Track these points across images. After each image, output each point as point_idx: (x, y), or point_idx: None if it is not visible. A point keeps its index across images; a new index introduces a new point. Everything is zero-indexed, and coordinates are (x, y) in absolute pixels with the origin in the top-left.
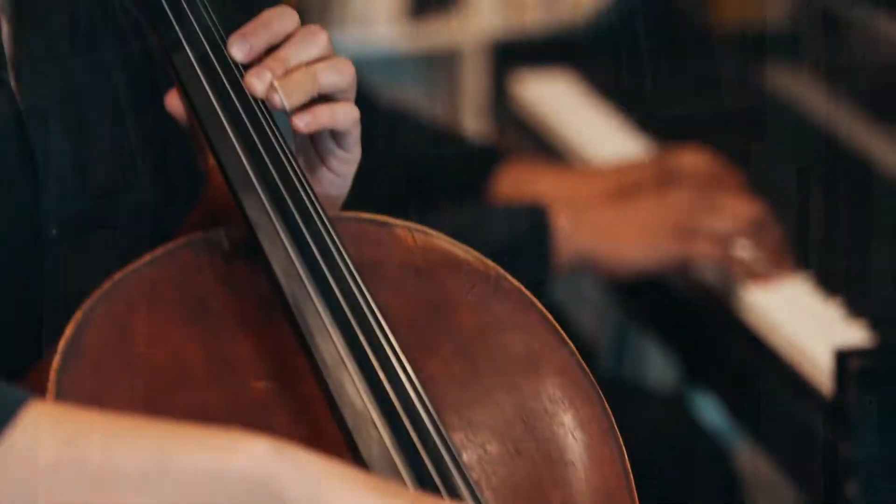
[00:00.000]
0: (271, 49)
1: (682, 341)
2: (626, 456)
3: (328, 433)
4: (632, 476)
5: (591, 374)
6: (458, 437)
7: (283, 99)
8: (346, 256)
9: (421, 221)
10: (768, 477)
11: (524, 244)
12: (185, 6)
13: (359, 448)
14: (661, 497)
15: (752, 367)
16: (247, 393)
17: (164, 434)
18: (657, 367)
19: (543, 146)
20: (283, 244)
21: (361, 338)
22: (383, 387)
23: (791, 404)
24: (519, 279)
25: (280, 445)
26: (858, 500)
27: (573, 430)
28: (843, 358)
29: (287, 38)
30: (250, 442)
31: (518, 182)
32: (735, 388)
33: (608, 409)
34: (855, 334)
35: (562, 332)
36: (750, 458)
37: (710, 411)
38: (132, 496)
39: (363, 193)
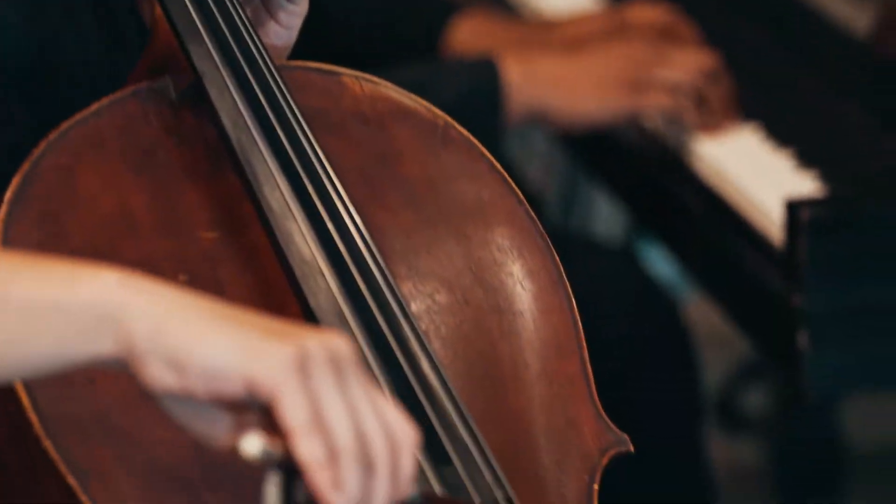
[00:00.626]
0: None
1: (632, 192)
2: (574, 306)
3: (276, 283)
4: (581, 326)
5: (539, 224)
6: (406, 287)
7: None
8: (292, 104)
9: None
10: (718, 328)
11: (475, 97)
12: None
13: (306, 297)
14: (611, 348)
15: (703, 218)
16: (194, 243)
17: (10, 266)
18: (606, 219)
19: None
20: (230, 92)
21: (309, 186)
22: (331, 236)
23: (742, 255)
24: (471, 133)
25: (127, 277)
26: (809, 350)
27: (521, 280)
28: (795, 208)
29: None
30: (96, 273)
31: (470, 36)
32: (685, 239)
33: (557, 259)
34: (805, 185)
35: (511, 181)
36: (700, 310)
37: (659, 263)
38: None
39: (313, 50)
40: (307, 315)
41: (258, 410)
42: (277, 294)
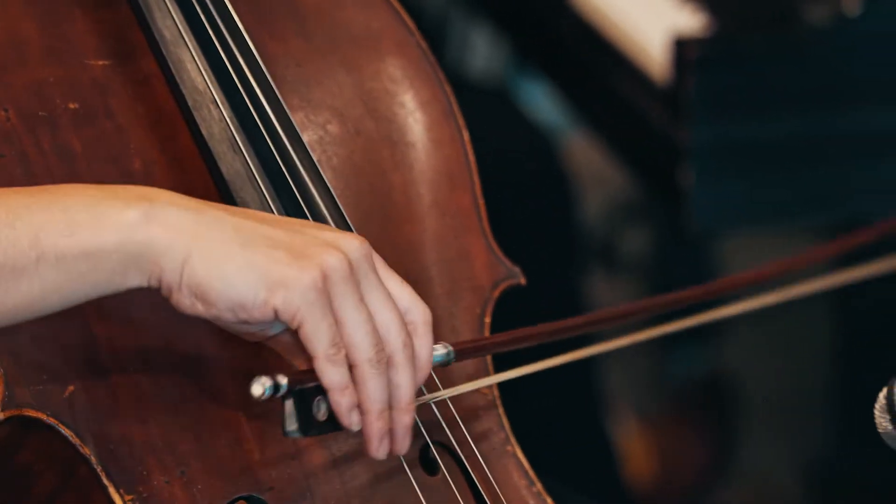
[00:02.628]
0: None
1: (511, 24)
2: (466, 137)
3: (167, 111)
4: (473, 159)
5: (431, 55)
6: (298, 117)
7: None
8: None
9: None
10: (600, 167)
11: None
12: None
13: (198, 126)
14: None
15: (584, 54)
16: (84, 71)
17: (33, 219)
18: (483, 56)
19: None
20: None
21: (200, 13)
22: (223, 63)
23: (624, 92)
24: None
25: (149, 209)
26: (691, 188)
27: (413, 111)
28: (682, 46)
29: None
30: (120, 212)
31: None
32: (565, 75)
33: (448, 90)
34: (688, 19)
35: (402, 12)
36: (582, 150)
37: (540, 102)
38: (13, 286)
39: None
40: (199, 143)
41: None
42: (168, 122)
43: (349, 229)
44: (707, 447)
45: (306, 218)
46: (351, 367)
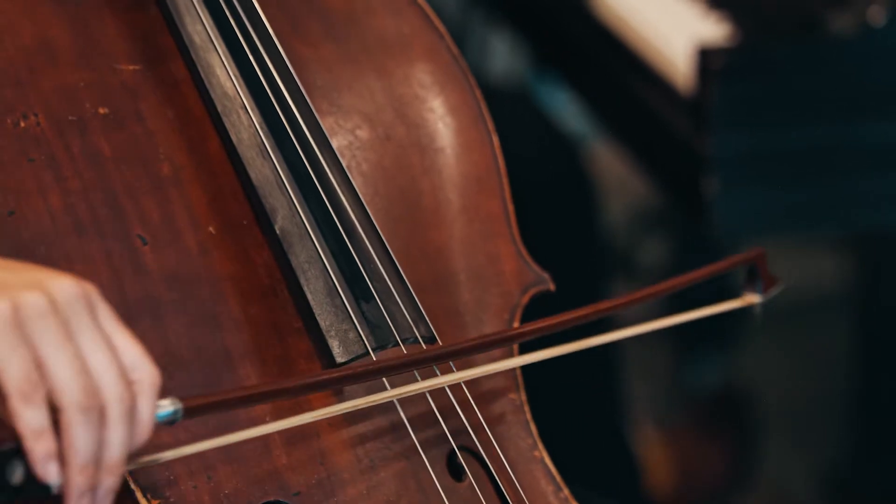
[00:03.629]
0: None
1: (533, 31)
2: (495, 141)
3: (196, 116)
4: (503, 164)
5: (462, 61)
6: (327, 123)
7: None
8: None
9: None
10: (623, 175)
11: None
12: None
13: (228, 131)
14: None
15: (608, 62)
16: (115, 75)
17: None
18: (503, 59)
19: None
20: None
21: (231, 19)
22: (253, 70)
23: (648, 101)
24: None
25: None
26: (715, 197)
27: (443, 116)
28: (706, 55)
29: None
30: None
31: None
32: (588, 83)
33: (479, 95)
34: (712, 28)
35: (432, 16)
36: (605, 157)
37: (563, 108)
38: None
39: None
40: (228, 149)
41: None
42: (198, 127)
43: (377, 235)
44: (725, 457)
45: (335, 225)
46: (58, 414)
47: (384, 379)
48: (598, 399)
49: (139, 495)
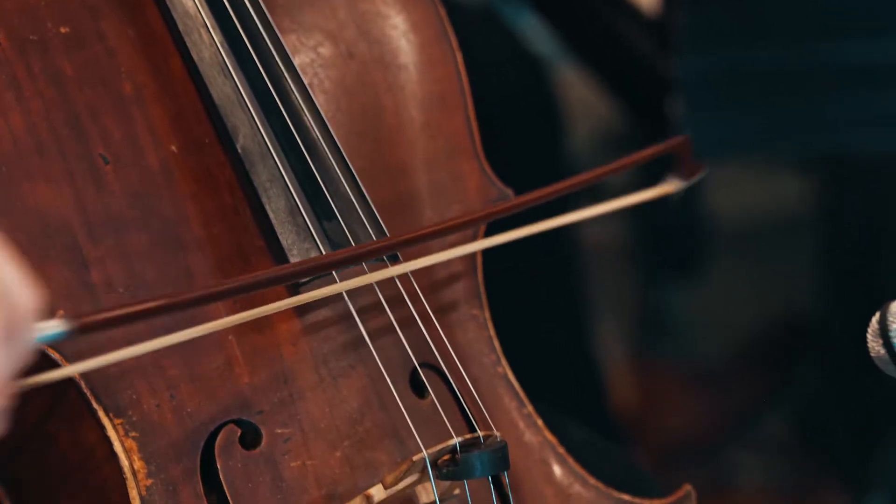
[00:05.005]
0: None
1: None
2: (459, 58)
3: (158, 35)
4: (466, 80)
5: None
6: (289, 41)
7: None
8: None
9: None
10: (589, 98)
11: None
12: None
13: (189, 51)
14: (484, 114)
15: None
16: None
17: None
18: None
19: None
20: None
21: None
22: None
23: (614, 23)
24: None
25: None
26: (680, 119)
27: (406, 33)
28: None
29: None
30: None
31: None
32: (555, 3)
33: (442, 12)
34: None
35: None
36: (571, 78)
37: (528, 28)
38: None
39: None
40: (190, 68)
41: None
42: (160, 46)
43: (339, 152)
44: (692, 385)
45: (297, 143)
46: None
47: (344, 291)
48: (563, 319)
49: (101, 414)
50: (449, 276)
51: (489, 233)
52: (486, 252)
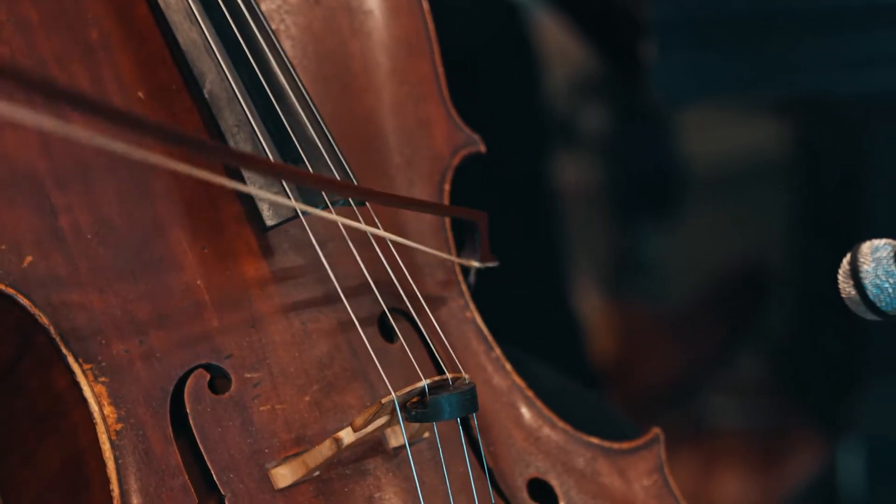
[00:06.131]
0: None
1: None
2: (425, 5)
3: None
4: (432, 27)
5: None
6: None
7: None
8: None
9: None
10: (562, 41)
11: None
12: None
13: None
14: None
15: None
16: None
17: None
18: None
19: None
20: None
21: None
22: None
23: None
24: None
25: None
26: (654, 62)
27: None
28: None
29: None
30: None
31: None
32: None
33: None
34: None
35: None
36: (544, 21)
37: None
38: None
39: None
40: (156, 13)
41: None
42: None
43: (305, 98)
44: (666, 329)
45: (263, 88)
46: None
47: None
48: (537, 264)
49: (71, 360)
50: (418, 221)
51: None
52: (457, 196)
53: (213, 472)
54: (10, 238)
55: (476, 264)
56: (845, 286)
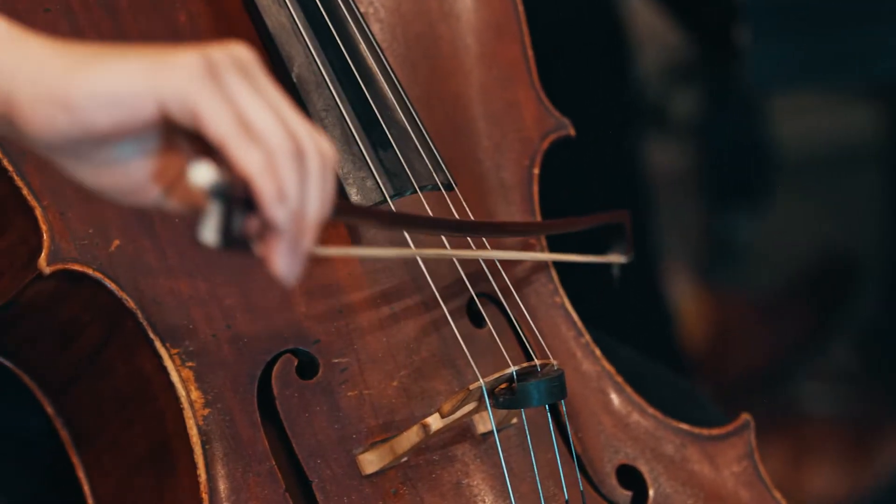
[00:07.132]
0: None
1: None
2: None
3: None
4: (522, 10)
5: None
6: None
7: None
8: None
9: None
10: (654, 24)
11: None
12: None
13: None
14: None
15: None
16: None
17: None
18: None
19: None
20: None
21: None
22: None
23: None
24: None
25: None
26: (747, 46)
27: None
28: None
29: None
30: None
31: None
32: None
33: None
34: None
35: None
36: (636, 5)
37: None
38: None
39: None
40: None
41: (175, 144)
42: None
43: (394, 82)
44: (757, 314)
45: (352, 72)
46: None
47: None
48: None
49: (158, 345)
50: (507, 204)
51: None
52: (544, 181)
53: (300, 457)
54: (98, 222)
55: (622, 260)
56: None
